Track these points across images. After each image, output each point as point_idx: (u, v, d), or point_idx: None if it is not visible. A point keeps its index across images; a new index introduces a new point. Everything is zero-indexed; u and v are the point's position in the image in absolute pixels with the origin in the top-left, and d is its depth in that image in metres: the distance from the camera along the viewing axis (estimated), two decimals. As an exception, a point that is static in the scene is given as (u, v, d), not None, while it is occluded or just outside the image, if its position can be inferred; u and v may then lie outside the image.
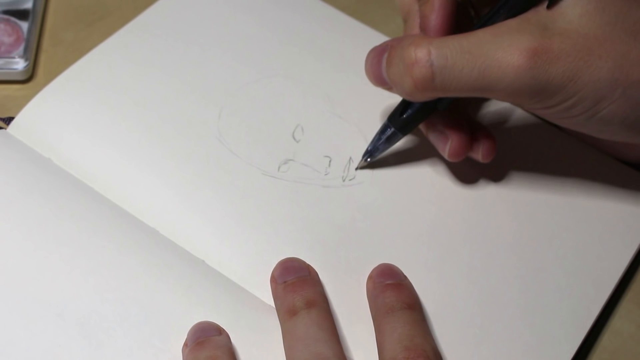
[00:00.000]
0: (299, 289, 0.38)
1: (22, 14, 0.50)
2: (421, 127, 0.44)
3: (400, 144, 0.45)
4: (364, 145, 0.45)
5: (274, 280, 0.39)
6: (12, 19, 0.50)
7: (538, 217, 0.43)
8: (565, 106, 0.38)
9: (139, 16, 0.50)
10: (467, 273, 0.41)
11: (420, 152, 0.45)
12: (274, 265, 0.40)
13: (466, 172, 0.45)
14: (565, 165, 0.45)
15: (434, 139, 0.43)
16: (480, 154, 0.42)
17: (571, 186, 0.44)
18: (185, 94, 0.46)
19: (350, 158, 0.45)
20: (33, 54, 0.49)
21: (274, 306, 0.39)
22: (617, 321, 0.41)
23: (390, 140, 0.44)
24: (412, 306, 0.38)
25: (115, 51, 0.48)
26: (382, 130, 0.44)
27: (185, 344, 0.37)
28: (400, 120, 0.43)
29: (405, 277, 0.40)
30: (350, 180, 0.44)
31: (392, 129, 0.43)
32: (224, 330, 0.37)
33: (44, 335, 0.37)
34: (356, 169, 0.44)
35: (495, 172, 0.45)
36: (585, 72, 0.37)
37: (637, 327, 0.41)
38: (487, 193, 0.44)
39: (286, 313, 0.37)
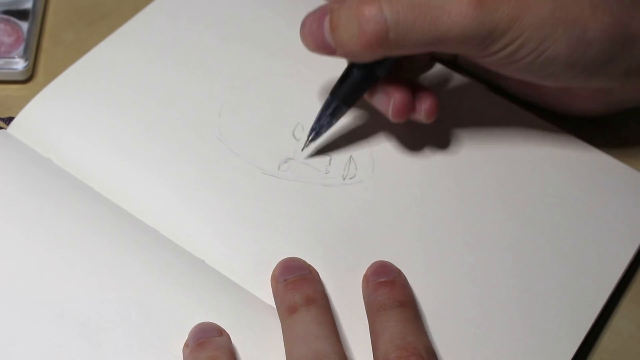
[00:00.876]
0: (299, 286, 0.38)
1: (22, 14, 0.50)
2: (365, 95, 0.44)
3: (400, 143, 0.45)
4: (364, 143, 0.45)
5: (274, 278, 0.39)
6: (12, 19, 0.50)
7: (538, 217, 0.43)
8: (511, 49, 0.40)
9: (138, 14, 0.50)
10: (467, 272, 0.41)
11: (420, 151, 0.45)
12: (274, 265, 0.40)
13: (467, 172, 0.45)
14: (565, 165, 0.45)
15: (377, 101, 0.43)
16: (422, 113, 0.43)
17: (571, 186, 0.44)
18: (185, 92, 0.46)
19: (351, 157, 0.45)
20: (33, 54, 0.49)
21: (274, 306, 0.39)
22: (617, 321, 0.41)
23: (335, 114, 0.43)
24: (404, 303, 0.38)
25: (114, 50, 0.48)
26: (326, 106, 0.43)
27: (186, 345, 0.37)
28: (342, 92, 0.43)
29: (399, 272, 0.39)
30: (350, 178, 0.44)
31: (336, 102, 0.43)
32: (224, 331, 0.37)
33: (44, 335, 0.37)
34: (302, 149, 0.44)
35: (496, 173, 0.45)
36: (528, 13, 0.39)
37: (637, 327, 0.41)
38: (487, 193, 0.44)
39: (286, 310, 0.37)
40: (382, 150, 0.45)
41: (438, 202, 0.43)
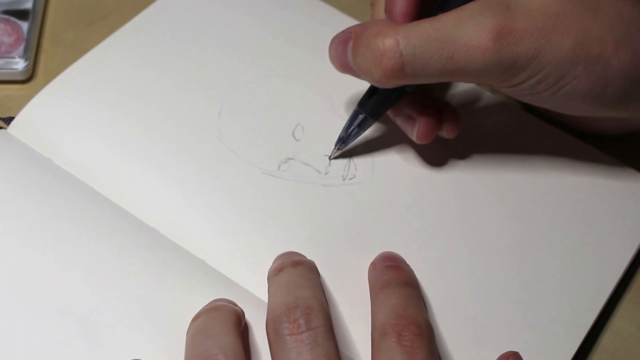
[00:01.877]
0: (289, 256, 0.39)
1: (22, 14, 0.50)
2: (389, 112, 0.44)
3: (400, 144, 0.45)
4: (364, 144, 0.45)
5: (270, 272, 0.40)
6: (12, 19, 0.50)
7: (538, 217, 0.43)
8: (530, 83, 0.39)
9: (139, 15, 0.50)
10: (467, 273, 0.41)
11: (420, 152, 0.45)
12: (273, 266, 0.40)
13: (467, 173, 0.45)
14: (565, 165, 0.45)
15: (401, 123, 0.44)
16: (444, 131, 0.43)
17: (571, 186, 0.44)
18: (185, 93, 0.47)
19: (351, 157, 0.45)
20: (33, 54, 0.49)
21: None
22: (617, 321, 0.41)
23: (362, 126, 0.44)
24: (409, 284, 0.38)
25: (114, 50, 0.48)
26: (354, 117, 0.44)
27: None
28: (369, 105, 0.43)
29: (407, 264, 0.40)
30: (350, 179, 0.44)
31: (363, 115, 0.43)
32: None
33: (43, 331, 0.37)
34: (330, 158, 0.45)
35: (495, 173, 0.45)
36: (549, 50, 0.38)
37: (637, 327, 0.41)
38: (487, 193, 0.44)
39: (273, 271, 0.38)
40: (381, 151, 0.45)
41: (437, 202, 0.43)
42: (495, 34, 0.37)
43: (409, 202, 0.43)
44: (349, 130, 0.44)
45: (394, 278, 0.38)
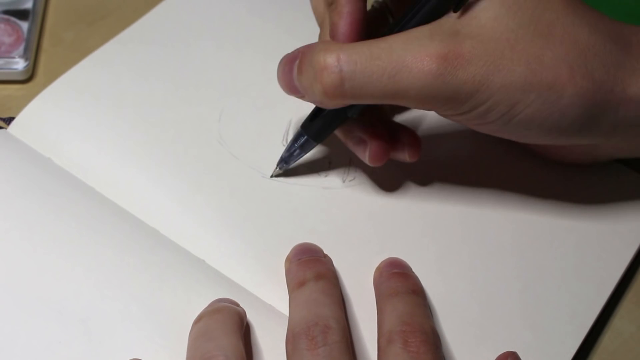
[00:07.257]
0: (311, 264, 0.39)
1: (22, 14, 0.50)
2: (338, 134, 0.43)
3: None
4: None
5: (288, 259, 0.40)
6: (12, 19, 0.50)
7: (538, 217, 0.43)
8: (479, 112, 0.37)
9: (140, 20, 0.50)
10: (468, 273, 0.41)
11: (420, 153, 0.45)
12: (273, 266, 0.40)
13: (466, 173, 0.45)
14: (566, 166, 0.45)
15: (352, 146, 0.42)
16: (406, 154, 0.42)
17: (571, 187, 0.45)
18: (185, 96, 0.47)
19: (350, 159, 0.45)
20: (33, 54, 0.49)
21: (273, 305, 0.39)
22: (617, 321, 0.42)
23: (304, 147, 0.43)
24: (417, 292, 0.38)
25: (116, 54, 0.48)
26: (296, 138, 0.43)
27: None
28: (312, 128, 0.42)
29: (412, 270, 0.40)
30: (350, 181, 0.44)
31: (305, 137, 0.43)
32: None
33: (43, 331, 0.37)
34: (271, 176, 0.44)
35: (495, 174, 0.45)
36: (497, 76, 0.36)
37: (637, 327, 0.41)
38: (487, 194, 0.44)
39: (295, 285, 0.38)
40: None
41: (438, 203, 0.43)
42: (440, 58, 0.36)
43: (409, 203, 0.43)
44: (291, 151, 0.43)
45: (401, 286, 0.38)
